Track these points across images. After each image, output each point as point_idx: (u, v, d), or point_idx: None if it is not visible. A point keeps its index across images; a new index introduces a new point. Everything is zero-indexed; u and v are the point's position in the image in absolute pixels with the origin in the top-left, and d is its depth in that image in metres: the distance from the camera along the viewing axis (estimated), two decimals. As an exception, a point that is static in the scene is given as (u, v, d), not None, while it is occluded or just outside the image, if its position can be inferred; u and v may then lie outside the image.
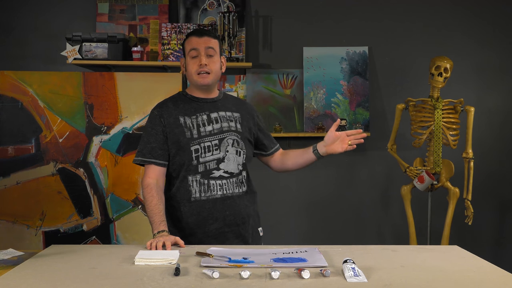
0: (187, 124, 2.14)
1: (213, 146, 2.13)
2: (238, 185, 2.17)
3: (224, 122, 2.18)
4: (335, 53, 3.80)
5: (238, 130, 2.19)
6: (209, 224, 2.12)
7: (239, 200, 2.17)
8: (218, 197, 2.13)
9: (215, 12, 3.76)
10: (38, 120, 3.64)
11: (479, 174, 3.62)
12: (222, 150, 2.14)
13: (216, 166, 2.13)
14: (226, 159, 2.14)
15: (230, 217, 2.14)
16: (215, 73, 2.16)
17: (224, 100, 2.25)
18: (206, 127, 2.15)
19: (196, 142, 2.12)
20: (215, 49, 2.16)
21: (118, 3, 3.76)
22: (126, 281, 1.51)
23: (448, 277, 1.56)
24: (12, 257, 1.89)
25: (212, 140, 2.13)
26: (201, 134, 2.13)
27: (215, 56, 2.16)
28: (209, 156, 2.12)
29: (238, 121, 2.22)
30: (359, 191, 3.84)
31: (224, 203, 2.14)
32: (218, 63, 2.18)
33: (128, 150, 3.66)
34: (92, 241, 3.62)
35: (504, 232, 3.88)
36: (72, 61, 3.57)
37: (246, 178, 2.21)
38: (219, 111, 2.20)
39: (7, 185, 3.60)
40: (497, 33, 3.84)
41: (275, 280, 1.51)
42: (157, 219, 2.04)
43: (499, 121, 3.86)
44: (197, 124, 2.14)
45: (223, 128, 2.16)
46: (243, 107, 2.29)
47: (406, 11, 3.84)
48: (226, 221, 2.14)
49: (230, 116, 2.21)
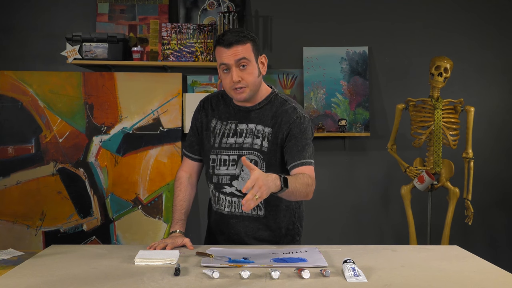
0: (215, 129, 2.02)
1: (230, 161, 1.97)
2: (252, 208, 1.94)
3: (248, 138, 1.96)
4: (335, 53, 3.80)
5: (262, 149, 1.95)
6: (218, 234, 2.09)
7: (250, 221, 2.01)
8: (225, 213, 2.02)
9: (215, 12, 3.76)
10: (38, 120, 3.64)
11: (479, 174, 3.62)
12: (238, 167, 1.96)
13: (229, 181, 1.98)
14: (241, 177, 1.95)
15: (234, 236, 2.03)
16: (252, 85, 1.90)
17: (264, 109, 1.98)
18: (228, 139, 1.98)
19: (214, 152, 2.00)
20: (247, 58, 1.87)
21: (118, 3, 3.76)
22: (126, 281, 1.51)
23: (448, 277, 1.56)
24: (12, 257, 1.89)
25: (230, 154, 1.98)
26: (221, 145, 1.99)
27: (249, 65, 1.88)
28: (223, 170, 1.99)
29: (267, 138, 1.95)
30: (359, 191, 3.84)
31: (230, 222, 2.02)
32: (254, 71, 1.90)
33: (128, 150, 3.66)
34: (92, 241, 3.62)
35: (504, 232, 3.88)
36: (72, 61, 3.57)
37: (265, 201, 1.94)
38: (250, 123, 1.97)
39: (7, 185, 3.60)
40: (497, 33, 3.84)
41: (275, 280, 1.51)
42: (176, 216, 2.03)
43: (499, 121, 3.86)
44: (223, 132, 2.00)
45: (244, 144, 1.96)
46: (278, 119, 1.96)
47: (406, 11, 3.84)
48: (231, 239, 2.04)
49: (260, 132, 1.96)
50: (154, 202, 3.65)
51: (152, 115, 3.68)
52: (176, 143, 3.67)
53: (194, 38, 3.66)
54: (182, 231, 2.01)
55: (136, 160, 3.65)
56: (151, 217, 3.64)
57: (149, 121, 3.67)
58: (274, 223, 2.03)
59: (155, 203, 3.64)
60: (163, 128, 3.67)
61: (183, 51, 3.66)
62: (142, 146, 3.66)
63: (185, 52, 3.66)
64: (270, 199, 1.86)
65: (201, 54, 3.66)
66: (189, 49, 3.65)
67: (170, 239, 1.94)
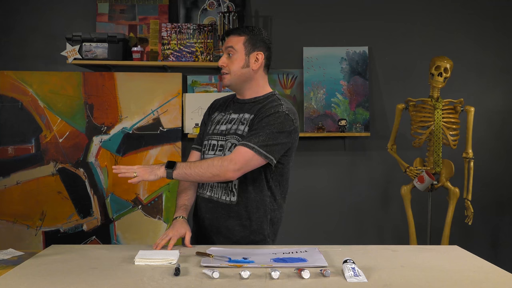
0: (215, 119, 2.15)
1: (218, 146, 2.07)
2: (226, 192, 2.03)
3: (235, 125, 2.05)
4: (335, 53, 3.80)
5: (243, 134, 2.00)
6: (200, 220, 2.13)
7: (223, 208, 2.03)
8: (205, 197, 2.10)
9: (215, 12, 3.76)
10: (38, 120, 3.64)
11: (479, 174, 3.62)
12: (224, 152, 2.03)
13: None
14: None
15: (206, 221, 2.08)
16: (234, 73, 2.03)
17: (257, 103, 2.06)
18: (221, 126, 2.10)
19: (207, 138, 2.13)
20: (235, 48, 2.02)
21: (118, 3, 3.76)
22: (126, 281, 1.51)
23: (448, 277, 1.56)
24: (12, 257, 1.89)
25: (219, 139, 2.08)
26: (214, 131, 2.11)
27: (235, 54, 2.02)
28: (210, 155, 2.07)
29: (248, 123, 2.02)
30: (359, 191, 3.84)
31: (207, 206, 2.08)
32: (239, 62, 2.02)
33: (128, 150, 3.66)
34: (92, 241, 3.62)
35: (504, 232, 3.88)
36: (72, 61, 3.57)
37: (239, 187, 2.01)
38: (240, 113, 2.08)
39: (7, 185, 3.61)
40: (497, 33, 3.84)
41: (275, 280, 1.51)
42: (180, 202, 2.10)
43: (499, 121, 3.86)
44: (218, 121, 2.13)
45: (230, 130, 2.05)
46: (262, 109, 2.01)
47: (406, 11, 3.84)
48: (203, 224, 2.10)
49: (246, 119, 2.04)
50: (154, 202, 3.65)
51: (152, 115, 3.68)
52: (176, 143, 3.67)
53: (194, 38, 3.66)
54: (184, 217, 2.04)
55: (136, 160, 3.64)
56: (151, 217, 3.64)
57: (149, 121, 3.67)
58: (245, 212, 2.02)
59: (155, 203, 3.65)
60: (163, 128, 3.67)
61: (183, 51, 3.66)
62: (142, 146, 3.66)
63: (185, 52, 3.66)
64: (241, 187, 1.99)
65: (201, 54, 3.66)
66: (189, 49, 3.65)
67: (172, 229, 1.97)
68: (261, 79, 2.09)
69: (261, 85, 2.09)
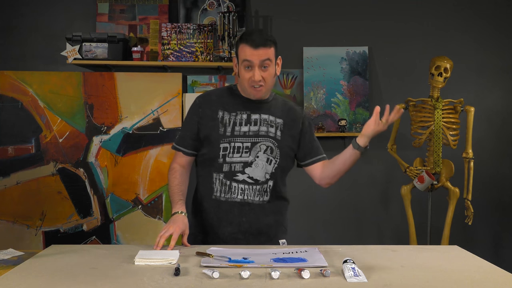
0: (224, 119, 2.07)
1: (244, 148, 2.04)
2: (260, 194, 2.07)
3: (263, 126, 2.06)
4: (335, 53, 3.80)
5: (277, 137, 2.07)
6: (223, 226, 2.08)
7: (259, 209, 2.08)
8: (237, 201, 2.06)
9: (215, 12, 3.76)
10: (38, 120, 3.64)
11: (479, 174, 3.62)
12: (252, 155, 2.04)
13: (241, 169, 2.04)
14: (254, 164, 2.04)
15: (245, 224, 2.07)
16: (269, 84, 2.04)
17: (272, 103, 2.12)
18: (242, 127, 2.05)
19: (226, 140, 2.05)
20: (271, 59, 2.01)
21: (118, 3, 3.76)
22: (126, 281, 1.51)
23: (448, 277, 1.56)
24: (12, 257, 1.89)
25: (244, 141, 2.04)
26: (234, 133, 2.05)
27: (270, 66, 2.01)
28: (236, 157, 2.04)
29: (280, 128, 2.08)
30: (359, 191, 3.84)
31: (242, 209, 2.06)
32: (272, 72, 2.04)
33: (128, 150, 3.66)
34: (92, 241, 3.62)
35: (504, 232, 3.88)
36: (72, 61, 3.57)
37: (272, 188, 2.08)
38: (262, 114, 2.08)
39: (7, 185, 3.60)
40: (497, 33, 3.84)
41: (275, 280, 1.51)
42: (176, 198, 2.06)
43: (499, 121, 3.86)
44: (234, 122, 2.06)
45: (260, 132, 2.05)
46: (289, 113, 2.12)
47: (406, 11, 3.84)
48: (241, 228, 2.07)
49: (273, 121, 2.08)
50: (154, 202, 3.65)
51: (152, 115, 3.68)
52: (176, 143, 3.67)
53: (194, 38, 3.66)
54: (183, 211, 2.02)
55: (136, 160, 3.65)
56: (151, 217, 3.64)
57: (149, 121, 3.67)
58: (277, 208, 2.13)
59: (155, 203, 3.65)
60: (163, 128, 3.67)
61: (183, 51, 3.66)
62: (142, 146, 3.66)
63: (185, 52, 3.66)
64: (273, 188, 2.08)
65: (201, 54, 3.66)
66: (189, 49, 3.65)
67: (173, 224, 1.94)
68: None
69: None
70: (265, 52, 1.98)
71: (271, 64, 2.01)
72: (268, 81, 2.02)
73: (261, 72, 1.99)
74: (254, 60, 1.97)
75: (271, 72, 2.03)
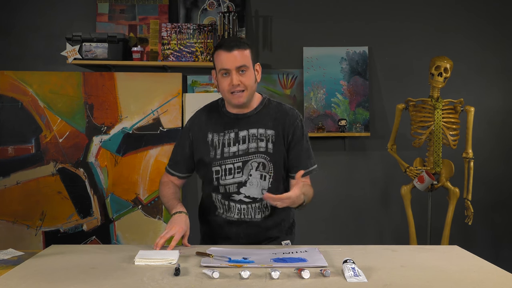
0: (214, 142, 2.04)
1: (235, 169, 2.01)
2: (261, 211, 2.05)
3: (253, 142, 2.01)
4: (335, 53, 3.80)
5: (268, 151, 2.01)
6: (221, 238, 2.10)
7: (258, 225, 2.06)
8: (234, 220, 2.06)
9: (215, 12, 3.76)
10: (38, 120, 3.64)
11: (479, 174, 3.62)
12: (245, 174, 2.01)
13: (236, 190, 2.02)
14: (249, 183, 2.01)
15: (243, 240, 2.07)
16: (250, 88, 1.98)
17: (262, 114, 2.05)
18: (230, 148, 2.01)
19: (217, 164, 2.02)
20: (246, 64, 1.95)
21: (118, 3, 3.76)
22: (126, 281, 1.51)
23: (448, 277, 1.56)
24: (12, 257, 1.89)
25: (235, 162, 2.01)
26: (224, 155, 2.02)
27: (248, 70, 1.96)
28: (229, 179, 2.02)
29: (271, 140, 2.02)
30: (359, 191, 3.84)
31: (240, 227, 2.06)
32: (252, 76, 1.98)
33: (128, 150, 3.66)
34: (92, 241, 3.62)
35: (504, 232, 3.88)
36: (72, 61, 3.57)
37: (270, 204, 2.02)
38: (250, 129, 2.02)
39: (7, 185, 3.60)
40: (497, 33, 3.84)
41: (275, 280, 1.51)
42: (174, 201, 2.05)
43: (499, 121, 3.86)
44: (223, 143, 2.02)
45: (249, 149, 2.01)
46: (281, 121, 2.04)
47: (406, 11, 3.84)
48: (240, 242, 2.07)
49: (262, 135, 2.01)
50: (154, 202, 3.65)
51: (152, 115, 3.68)
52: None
53: (194, 38, 3.66)
54: (185, 211, 2.00)
55: (136, 160, 3.65)
56: (151, 217, 3.64)
57: (149, 121, 3.67)
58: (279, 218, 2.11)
59: (155, 203, 3.64)
60: (163, 128, 3.67)
61: (183, 51, 3.66)
62: (142, 146, 3.66)
63: (185, 52, 3.66)
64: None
65: (201, 54, 3.66)
66: (189, 49, 3.65)
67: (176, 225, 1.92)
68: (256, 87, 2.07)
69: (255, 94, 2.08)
70: (240, 53, 1.93)
71: (248, 69, 1.96)
72: (248, 84, 1.96)
73: (239, 76, 1.94)
74: (230, 66, 1.93)
75: (250, 76, 1.97)
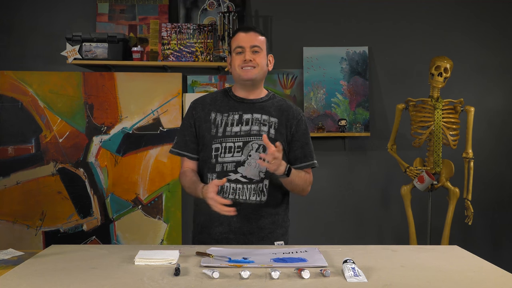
0: (216, 121, 2.09)
1: (235, 148, 2.05)
2: (256, 193, 2.06)
3: (255, 125, 2.07)
4: (335, 53, 3.80)
5: (270, 135, 2.06)
6: (214, 226, 2.09)
7: (252, 209, 2.06)
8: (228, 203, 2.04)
9: (215, 12, 3.76)
10: (38, 120, 3.64)
11: (479, 174, 3.62)
12: (244, 154, 2.04)
13: (234, 168, 2.04)
14: (247, 163, 2.04)
15: (236, 224, 2.06)
16: (261, 68, 2.08)
17: (267, 103, 2.13)
18: (233, 127, 2.07)
19: (218, 141, 2.06)
20: (260, 47, 2.07)
21: (118, 3, 3.76)
22: (126, 281, 1.51)
23: (448, 277, 1.56)
24: (12, 257, 1.89)
25: (235, 141, 2.06)
26: (226, 133, 2.06)
27: (261, 52, 2.08)
28: (228, 157, 2.05)
29: (274, 126, 2.09)
30: (359, 191, 3.84)
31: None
32: (264, 58, 2.09)
33: (128, 150, 3.66)
34: (92, 241, 3.62)
35: (504, 232, 3.88)
36: (72, 61, 3.57)
37: (269, 187, 2.07)
38: (255, 113, 2.09)
39: (7, 185, 3.60)
40: (497, 33, 3.84)
41: (275, 280, 1.51)
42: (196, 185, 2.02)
43: (499, 121, 3.86)
44: (226, 122, 2.08)
45: (252, 131, 2.06)
46: (285, 112, 2.12)
47: (406, 11, 3.84)
48: (232, 227, 2.07)
49: (266, 120, 2.09)
50: (154, 202, 3.65)
51: (152, 115, 3.68)
52: (176, 143, 3.67)
53: (194, 38, 3.66)
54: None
55: (136, 160, 3.65)
56: (151, 217, 3.64)
57: (149, 121, 3.67)
58: (274, 209, 2.12)
59: (155, 203, 3.65)
60: (163, 128, 3.67)
61: (183, 51, 3.66)
62: (142, 146, 3.66)
63: (185, 52, 3.66)
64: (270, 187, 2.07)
65: (201, 54, 3.66)
66: (189, 49, 3.65)
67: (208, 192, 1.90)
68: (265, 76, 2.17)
69: (263, 86, 2.19)
70: (255, 37, 2.07)
71: (261, 51, 2.08)
72: (259, 62, 2.06)
73: (252, 55, 2.05)
74: (245, 44, 2.05)
75: (262, 58, 2.08)
